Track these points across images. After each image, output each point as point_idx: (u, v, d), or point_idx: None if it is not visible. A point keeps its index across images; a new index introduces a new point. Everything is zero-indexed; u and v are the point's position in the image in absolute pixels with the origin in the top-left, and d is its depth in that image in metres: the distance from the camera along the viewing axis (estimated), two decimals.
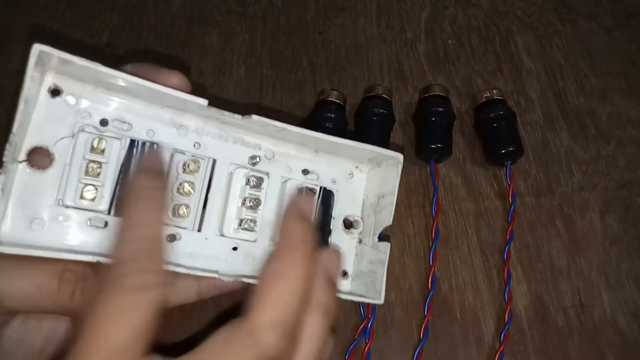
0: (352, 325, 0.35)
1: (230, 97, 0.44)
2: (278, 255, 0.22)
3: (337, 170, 0.30)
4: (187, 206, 0.26)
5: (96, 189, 0.24)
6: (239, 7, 0.49)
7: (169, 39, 0.47)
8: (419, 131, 0.40)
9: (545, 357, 0.34)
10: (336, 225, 0.30)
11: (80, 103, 0.25)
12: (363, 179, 0.31)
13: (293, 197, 0.26)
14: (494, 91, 0.40)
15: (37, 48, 0.21)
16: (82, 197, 0.24)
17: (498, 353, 0.33)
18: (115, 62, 0.24)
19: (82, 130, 0.24)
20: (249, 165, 0.28)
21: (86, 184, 0.24)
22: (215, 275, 0.25)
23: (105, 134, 0.25)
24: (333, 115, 0.39)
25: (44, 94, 0.24)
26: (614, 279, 0.36)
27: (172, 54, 0.46)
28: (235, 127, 0.27)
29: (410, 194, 0.39)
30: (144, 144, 0.26)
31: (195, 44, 0.47)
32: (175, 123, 0.27)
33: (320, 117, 0.39)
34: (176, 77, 0.26)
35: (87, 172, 0.24)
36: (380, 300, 0.28)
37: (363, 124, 0.39)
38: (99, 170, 0.24)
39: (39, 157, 0.24)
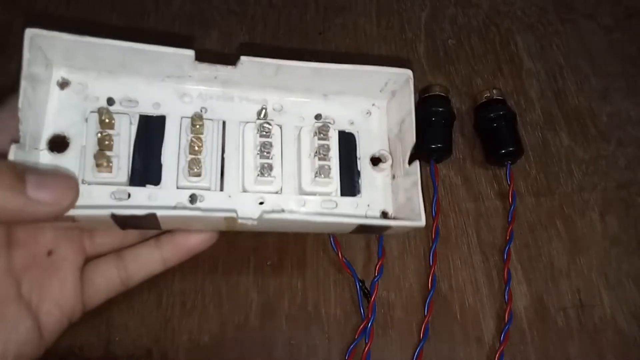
0: (352, 325, 0.35)
1: None
2: None
3: (352, 111, 0.30)
4: (200, 163, 0.27)
5: (111, 161, 0.25)
6: (239, 7, 0.49)
7: (169, 39, 0.47)
8: (419, 131, 0.40)
9: (545, 357, 0.34)
10: (364, 165, 0.30)
11: (87, 90, 0.27)
12: (383, 114, 0.31)
13: None
14: (494, 91, 0.40)
15: (29, 33, 0.23)
16: (98, 169, 0.25)
17: (498, 353, 0.33)
18: None
19: (92, 112, 0.26)
20: (259, 119, 0.29)
21: (100, 157, 0.25)
22: (234, 215, 0.25)
23: (114, 111, 0.26)
24: None
25: (54, 87, 0.26)
26: (614, 279, 0.36)
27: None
28: (236, 84, 0.28)
29: None
30: (150, 117, 0.27)
31: (195, 44, 0.47)
32: (178, 92, 0.28)
33: None
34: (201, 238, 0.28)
35: (99, 145, 0.25)
36: (422, 222, 0.27)
37: None
38: (110, 142, 0.26)
39: (57, 143, 0.26)
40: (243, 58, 0.27)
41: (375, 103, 0.31)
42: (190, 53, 0.27)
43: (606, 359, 0.34)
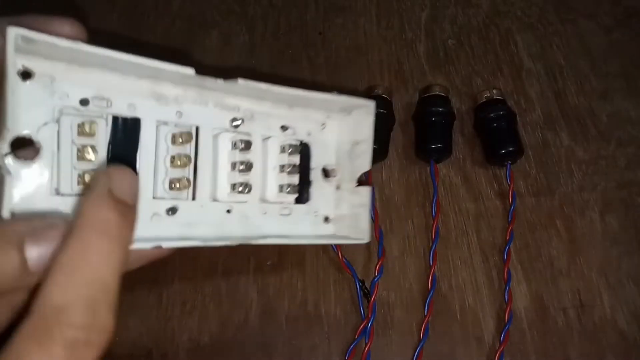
0: (352, 325, 0.35)
1: None
2: None
3: (310, 122, 0.31)
4: (187, 180, 0.26)
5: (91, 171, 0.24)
6: (239, 7, 0.49)
7: (169, 39, 0.47)
8: (419, 131, 0.40)
9: (545, 357, 0.34)
10: (316, 175, 0.31)
11: (55, 84, 0.23)
12: (335, 128, 0.32)
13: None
14: (494, 91, 0.40)
15: (13, 31, 0.20)
16: (79, 182, 0.23)
17: (498, 353, 0.33)
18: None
19: (64, 114, 0.23)
20: (231, 127, 0.28)
21: (81, 169, 0.23)
22: (229, 243, 0.25)
23: (88, 113, 0.24)
24: None
25: (13, 77, 0.22)
26: (614, 279, 0.36)
27: (172, 54, 0.46)
28: (214, 90, 0.27)
29: (410, 194, 0.39)
30: (125, 120, 0.25)
31: (195, 44, 0.47)
32: (155, 93, 0.26)
33: None
34: (69, 26, 0.23)
35: (79, 158, 0.23)
36: (366, 238, 0.29)
37: None
38: (92, 154, 0.23)
39: (21, 147, 0.21)
40: (241, 81, 0.26)
41: (329, 116, 0.31)
42: (190, 72, 0.25)
43: (606, 359, 0.34)
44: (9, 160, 0.22)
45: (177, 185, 0.26)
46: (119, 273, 0.18)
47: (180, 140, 0.26)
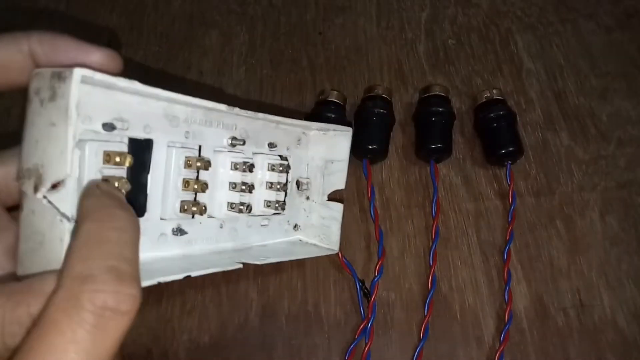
0: (352, 325, 0.35)
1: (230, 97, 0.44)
2: None
3: (290, 137, 0.32)
4: (199, 203, 0.26)
5: None
6: (239, 7, 0.49)
7: (169, 39, 0.47)
8: (419, 131, 0.40)
9: (545, 357, 0.34)
10: (291, 187, 0.32)
11: (79, 105, 0.21)
12: (310, 144, 0.33)
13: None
14: (494, 91, 0.40)
15: (78, 73, 0.19)
16: None
17: (498, 353, 0.33)
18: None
19: (88, 140, 0.21)
20: (229, 146, 0.28)
21: None
22: (240, 266, 0.26)
23: (109, 139, 0.22)
24: (333, 115, 0.39)
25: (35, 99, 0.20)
26: (614, 279, 0.36)
27: (172, 54, 0.46)
28: (219, 111, 0.27)
29: (410, 194, 0.39)
30: (140, 141, 0.24)
31: (195, 44, 0.47)
32: (167, 115, 0.25)
33: (320, 117, 0.39)
34: (100, 55, 0.21)
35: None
36: (335, 248, 0.32)
37: (363, 124, 0.39)
38: (119, 182, 0.22)
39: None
40: (237, 110, 0.27)
41: (305, 132, 0.33)
42: (223, 107, 0.26)
43: (606, 359, 0.34)
44: (51, 196, 0.20)
45: (192, 208, 0.26)
46: (137, 248, 0.18)
47: (198, 165, 0.26)
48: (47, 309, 0.16)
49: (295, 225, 0.33)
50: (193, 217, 0.27)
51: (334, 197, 0.33)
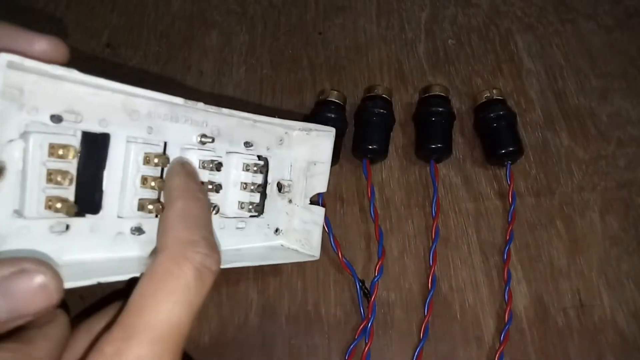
0: (352, 325, 0.35)
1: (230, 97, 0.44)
2: None
3: (270, 137, 0.31)
4: (158, 202, 0.25)
5: (67, 199, 0.22)
6: (239, 7, 0.49)
7: (169, 39, 0.47)
8: (419, 131, 0.40)
9: (545, 357, 0.34)
10: (271, 189, 0.31)
11: (24, 97, 0.20)
12: (292, 144, 0.32)
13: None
14: (494, 91, 0.40)
15: (4, 58, 0.18)
16: (47, 207, 0.21)
17: (498, 353, 0.33)
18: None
19: (33, 132, 0.21)
20: (198, 144, 0.27)
21: (50, 193, 0.21)
22: None
23: (59, 131, 0.22)
24: (333, 115, 0.39)
25: None
26: (614, 279, 0.36)
27: (172, 54, 0.46)
28: (185, 107, 0.26)
29: (410, 194, 0.39)
30: (95, 135, 0.23)
31: (195, 44, 0.47)
32: (127, 108, 0.24)
33: (320, 117, 0.39)
34: (45, 43, 0.21)
35: (50, 181, 0.21)
36: (316, 255, 0.31)
37: (363, 124, 0.39)
38: (63, 175, 0.22)
39: None
40: (200, 105, 0.25)
41: (287, 132, 0.31)
42: (180, 101, 0.24)
43: (606, 359, 0.34)
44: None
45: (149, 207, 0.24)
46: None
47: (155, 162, 0.24)
48: (157, 263, 0.20)
49: (277, 230, 0.32)
50: (157, 216, 0.25)
51: (315, 200, 0.32)
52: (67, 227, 0.23)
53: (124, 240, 0.24)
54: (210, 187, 0.27)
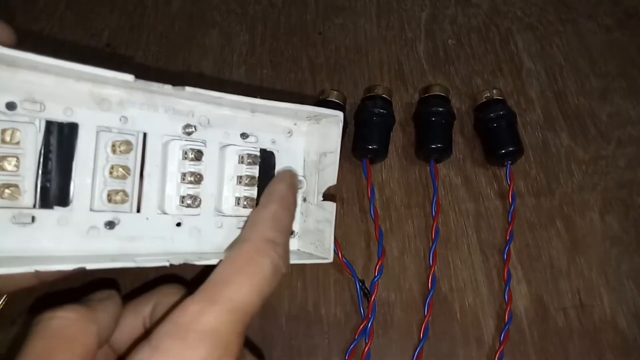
0: (352, 325, 0.35)
1: None
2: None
3: (275, 129, 0.29)
4: (124, 192, 0.24)
5: (17, 185, 0.22)
6: (239, 7, 0.49)
7: (169, 39, 0.47)
8: (419, 131, 0.40)
9: (545, 357, 0.34)
10: None
11: None
12: (302, 137, 0.30)
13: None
14: (494, 91, 0.40)
15: None
16: (1, 197, 0.21)
17: (498, 353, 0.33)
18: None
19: None
20: (183, 135, 0.26)
21: (3, 183, 0.21)
22: (167, 264, 0.24)
23: (14, 119, 0.21)
24: None
25: None
26: (614, 279, 0.36)
27: (172, 54, 0.46)
28: (164, 95, 0.25)
29: (410, 194, 0.39)
30: (61, 125, 0.23)
31: (195, 44, 0.47)
32: (95, 97, 0.23)
33: None
34: None
35: (2, 168, 0.21)
36: (329, 258, 0.28)
37: (363, 124, 0.39)
38: (16, 164, 0.21)
39: None
40: (188, 89, 0.24)
41: (297, 124, 0.29)
42: (130, 78, 0.22)
43: (606, 359, 0.34)
44: None
45: (116, 198, 0.24)
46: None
47: (121, 150, 0.24)
48: (243, 250, 0.23)
49: (292, 232, 0.30)
50: (139, 211, 0.25)
51: (327, 194, 0.30)
52: (33, 218, 0.22)
53: (99, 235, 0.24)
54: (190, 179, 0.26)
